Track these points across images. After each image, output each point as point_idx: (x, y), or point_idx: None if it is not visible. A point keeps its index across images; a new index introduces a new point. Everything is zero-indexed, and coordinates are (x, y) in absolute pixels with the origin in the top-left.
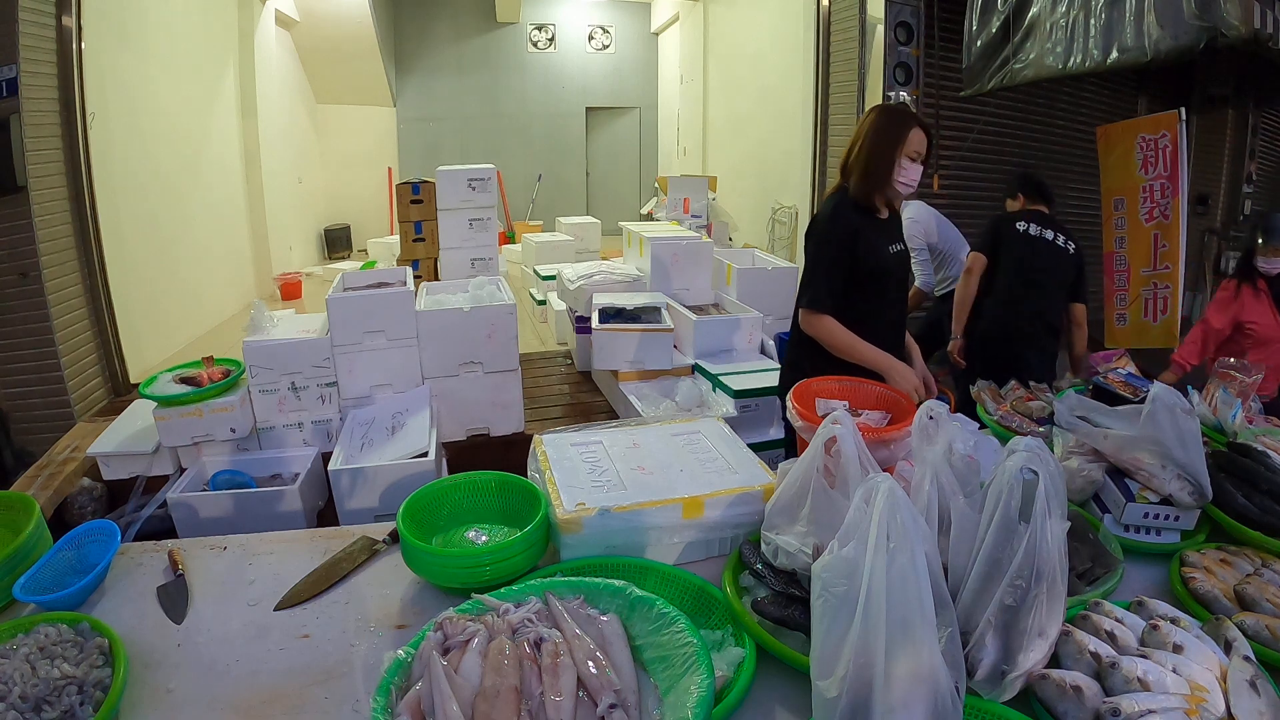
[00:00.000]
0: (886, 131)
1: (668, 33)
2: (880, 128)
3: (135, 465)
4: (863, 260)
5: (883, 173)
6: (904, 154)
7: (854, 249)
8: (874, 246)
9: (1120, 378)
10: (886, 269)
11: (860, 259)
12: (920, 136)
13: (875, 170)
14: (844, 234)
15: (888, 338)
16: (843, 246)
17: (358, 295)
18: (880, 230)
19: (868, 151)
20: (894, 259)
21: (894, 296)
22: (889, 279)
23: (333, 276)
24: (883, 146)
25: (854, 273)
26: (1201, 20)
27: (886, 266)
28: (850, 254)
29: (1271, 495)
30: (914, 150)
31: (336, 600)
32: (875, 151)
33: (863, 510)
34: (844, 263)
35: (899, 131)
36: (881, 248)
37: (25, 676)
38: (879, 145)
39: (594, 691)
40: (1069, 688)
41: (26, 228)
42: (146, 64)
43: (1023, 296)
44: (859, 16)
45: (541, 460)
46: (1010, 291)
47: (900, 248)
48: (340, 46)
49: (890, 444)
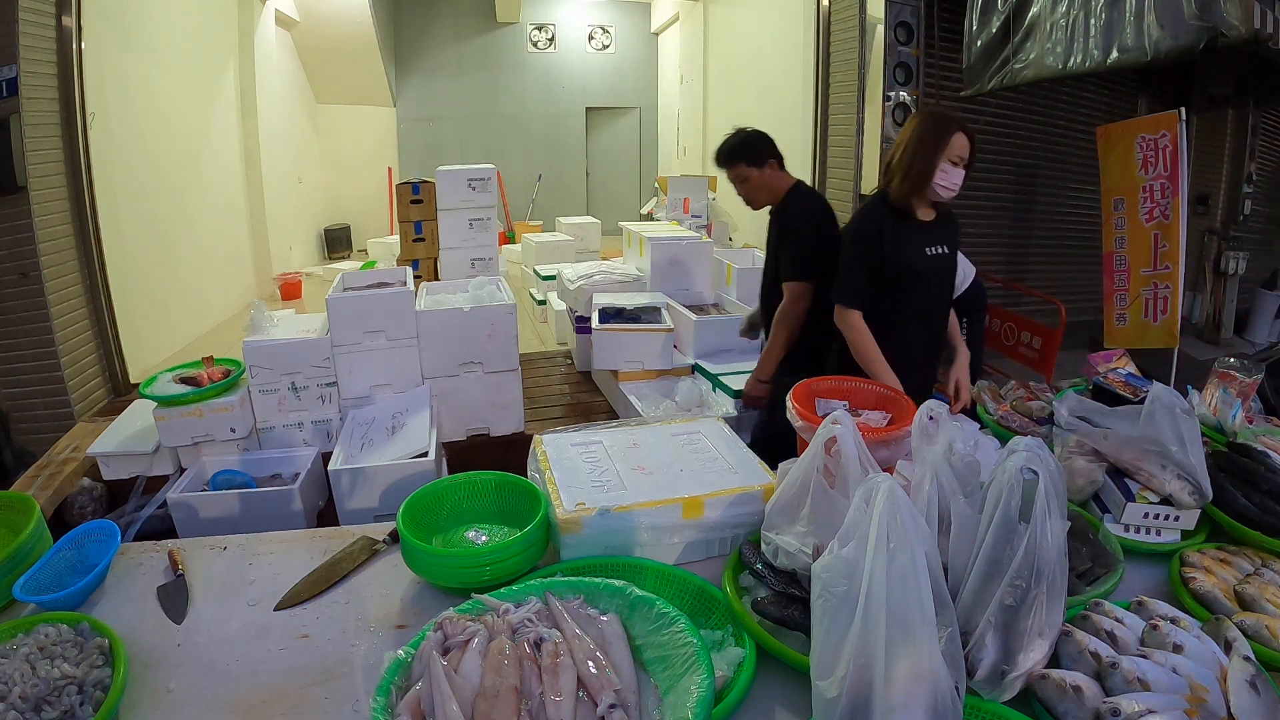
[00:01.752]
0: (929, 135)
1: (668, 33)
2: (924, 131)
3: (135, 465)
4: (891, 260)
5: (923, 176)
6: (945, 158)
7: (881, 248)
8: (906, 247)
9: (1120, 378)
10: (916, 270)
11: (888, 258)
12: (963, 141)
13: (915, 173)
14: (871, 233)
15: (915, 338)
16: (869, 245)
17: (358, 295)
18: (919, 232)
19: (909, 154)
20: (931, 261)
21: (926, 298)
22: (920, 281)
23: (333, 276)
24: (924, 150)
25: (882, 272)
26: (1201, 20)
27: (916, 268)
28: (878, 253)
29: (1271, 495)
30: (956, 154)
31: (336, 600)
32: (917, 154)
33: (863, 510)
34: (869, 261)
35: (941, 135)
36: (915, 249)
37: (25, 676)
38: (921, 148)
39: (594, 691)
40: (1069, 688)
41: (26, 228)
42: (146, 64)
43: None
44: (859, 16)
45: (541, 460)
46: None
47: (943, 251)
48: (340, 46)
49: (890, 444)
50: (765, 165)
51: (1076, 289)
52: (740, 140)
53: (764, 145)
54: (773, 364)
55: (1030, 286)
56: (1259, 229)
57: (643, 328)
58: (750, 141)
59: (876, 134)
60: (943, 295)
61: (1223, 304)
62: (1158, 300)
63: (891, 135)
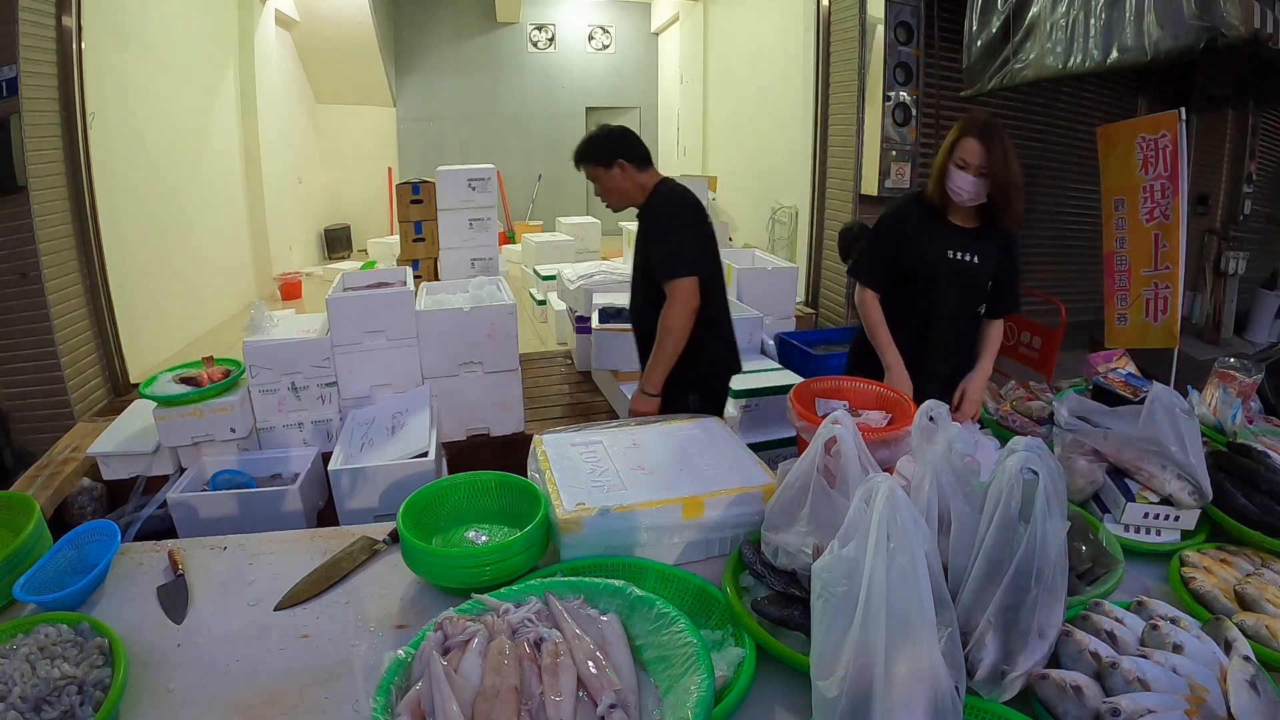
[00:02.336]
0: (948, 137)
1: (668, 33)
2: (950, 133)
3: (135, 465)
4: (907, 255)
5: (936, 175)
6: (952, 161)
7: (901, 239)
8: (927, 245)
9: (1120, 378)
10: (934, 270)
11: (906, 251)
12: (972, 146)
13: (934, 173)
14: (895, 222)
15: (936, 344)
16: (887, 234)
17: (358, 295)
18: (948, 234)
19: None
20: (953, 265)
21: (944, 302)
22: (939, 282)
23: (333, 276)
24: (941, 151)
25: (896, 264)
26: (1201, 20)
27: (936, 268)
28: (895, 244)
29: (1271, 495)
30: (960, 158)
31: (336, 600)
32: (938, 156)
33: (863, 510)
34: (888, 247)
35: (951, 138)
36: (937, 250)
37: (25, 676)
38: (940, 150)
39: (594, 691)
40: (1069, 688)
41: (26, 228)
42: (146, 64)
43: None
44: (859, 16)
45: (541, 460)
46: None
47: (969, 259)
48: (340, 46)
49: (890, 444)
50: (613, 165)
51: (1077, 289)
52: (587, 140)
53: (613, 144)
54: (661, 374)
55: (1030, 286)
56: (1259, 229)
57: None
58: (597, 140)
59: (876, 134)
60: (965, 304)
61: (1223, 304)
62: (1158, 300)
63: (891, 135)
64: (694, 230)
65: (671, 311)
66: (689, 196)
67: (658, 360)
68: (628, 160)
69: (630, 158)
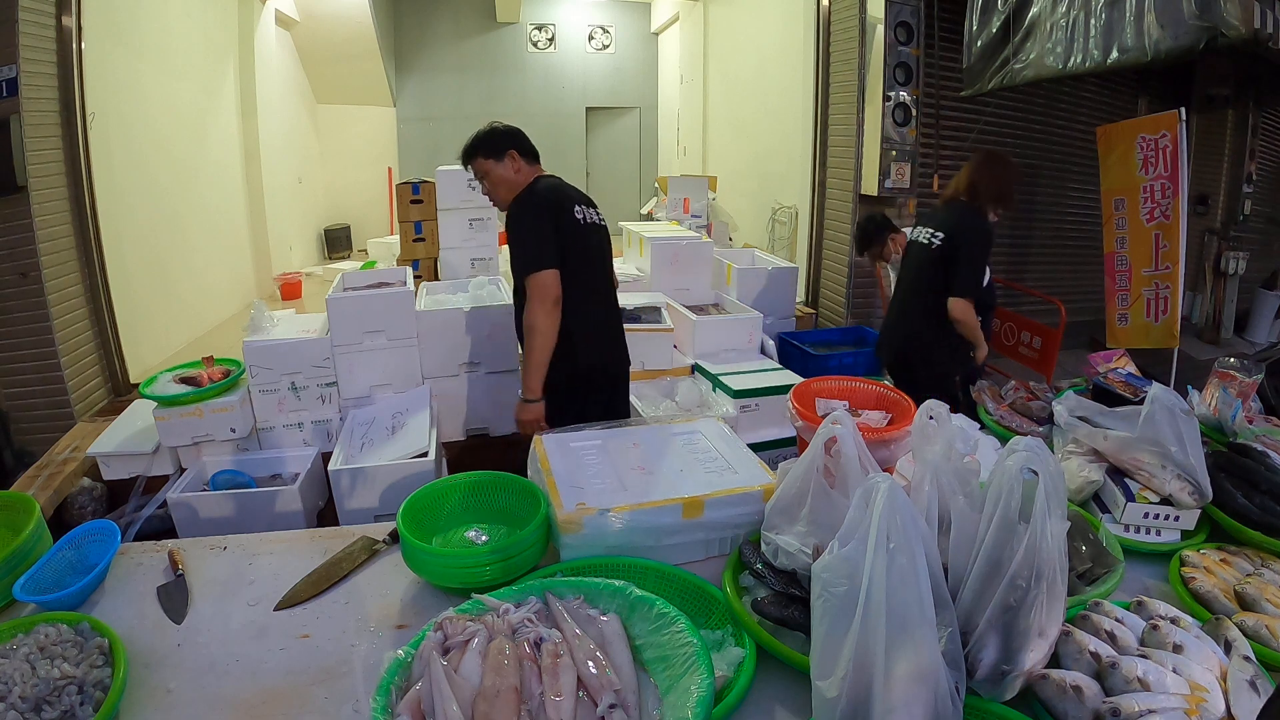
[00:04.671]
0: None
1: (668, 33)
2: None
3: (135, 465)
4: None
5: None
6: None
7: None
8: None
9: (1120, 378)
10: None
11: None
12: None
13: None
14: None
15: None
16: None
17: (358, 295)
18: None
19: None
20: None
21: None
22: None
23: (333, 276)
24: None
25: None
26: (1201, 20)
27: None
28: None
29: (1271, 495)
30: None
31: (336, 600)
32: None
33: (863, 510)
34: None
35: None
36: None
37: (25, 676)
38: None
39: (594, 691)
40: (1069, 688)
41: (26, 228)
42: (147, 64)
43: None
44: (859, 16)
45: (541, 460)
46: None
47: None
48: (340, 46)
49: (890, 444)
50: (505, 157)
51: (1077, 289)
52: (477, 134)
53: (507, 140)
54: (536, 377)
55: (1030, 286)
56: (1259, 229)
57: (643, 328)
58: (494, 134)
59: (876, 134)
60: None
61: (1223, 304)
62: (1158, 300)
63: (892, 135)
64: (550, 224)
65: (530, 308)
66: (549, 193)
67: (528, 362)
68: (519, 153)
69: (521, 151)
